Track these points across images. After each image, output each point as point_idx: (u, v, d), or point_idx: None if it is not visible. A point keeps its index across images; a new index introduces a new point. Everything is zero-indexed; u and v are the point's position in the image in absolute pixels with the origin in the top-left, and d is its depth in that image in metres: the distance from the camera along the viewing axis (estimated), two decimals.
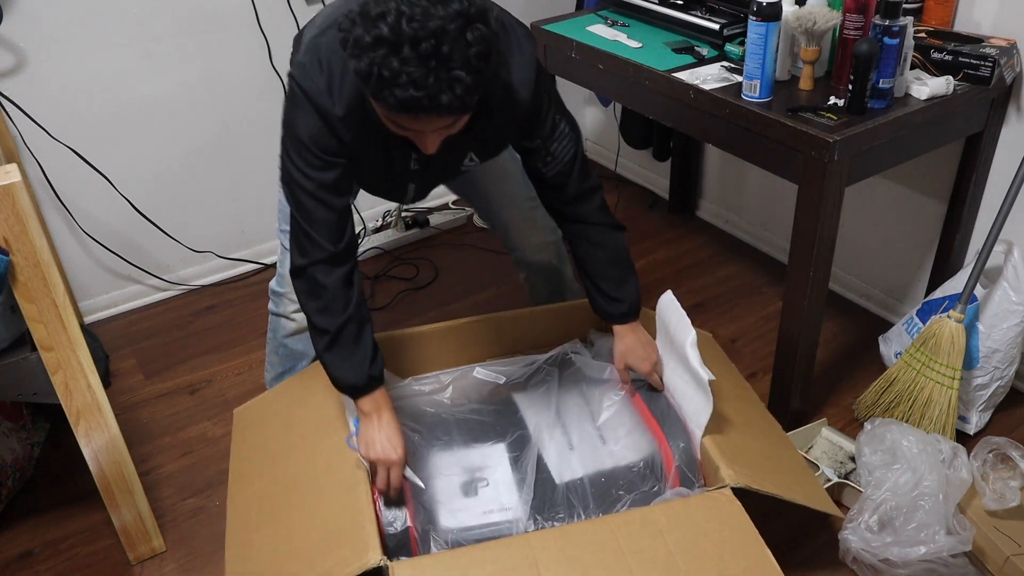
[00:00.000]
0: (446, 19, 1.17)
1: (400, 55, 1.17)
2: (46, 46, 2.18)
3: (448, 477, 1.62)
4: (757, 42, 1.70)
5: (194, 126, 2.47)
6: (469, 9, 1.19)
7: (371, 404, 1.50)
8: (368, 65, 1.19)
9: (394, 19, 1.17)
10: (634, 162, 3.14)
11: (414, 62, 1.17)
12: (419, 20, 1.16)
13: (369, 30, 1.18)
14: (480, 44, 1.20)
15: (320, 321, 1.48)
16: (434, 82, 1.18)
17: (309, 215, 1.44)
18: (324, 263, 1.46)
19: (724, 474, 1.51)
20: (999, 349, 1.90)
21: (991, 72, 1.73)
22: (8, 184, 1.32)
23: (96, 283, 2.52)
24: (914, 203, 2.20)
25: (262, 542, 1.54)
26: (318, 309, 1.48)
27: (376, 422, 1.50)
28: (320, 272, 1.46)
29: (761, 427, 1.76)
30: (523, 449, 1.67)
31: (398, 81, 1.17)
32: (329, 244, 1.45)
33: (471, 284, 2.64)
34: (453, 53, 1.17)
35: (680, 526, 1.43)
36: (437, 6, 1.18)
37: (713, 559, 1.39)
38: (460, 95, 1.20)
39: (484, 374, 1.83)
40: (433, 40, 1.16)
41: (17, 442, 1.94)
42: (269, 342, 1.91)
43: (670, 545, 1.40)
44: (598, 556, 1.38)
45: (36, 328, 1.45)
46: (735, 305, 2.51)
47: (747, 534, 1.43)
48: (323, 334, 1.48)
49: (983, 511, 1.71)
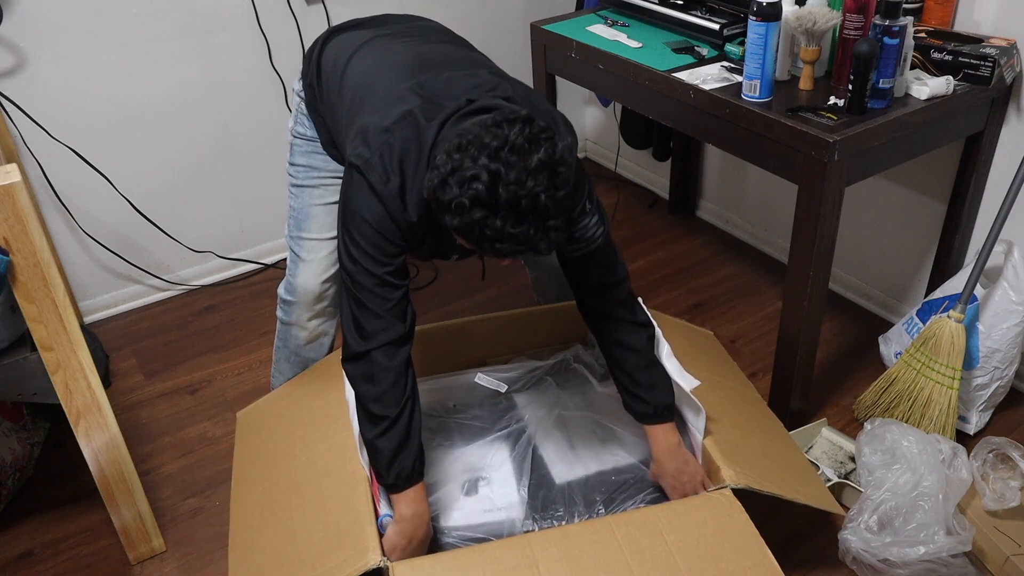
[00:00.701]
0: (536, 172, 1.20)
1: (499, 215, 1.20)
2: (46, 46, 2.18)
3: (449, 476, 1.62)
4: (757, 42, 1.70)
5: (194, 126, 2.47)
6: (553, 154, 1.22)
7: (410, 511, 1.45)
8: (468, 224, 1.22)
9: (488, 181, 1.19)
10: (634, 162, 3.14)
11: (514, 222, 1.21)
12: (514, 182, 1.19)
13: (465, 192, 1.20)
14: (566, 185, 1.24)
15: (376, 408, 1.44)
16: (534, 234, 1.22)
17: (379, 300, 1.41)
18: (390, 344, 1.43)
19: (725, 474, 1.51)
20: (999, 349, 1.90)
21: (991, 72, 1.73)
22: (8, 184, 1.32)
23: (96, 283, 2.52)
24: (914, 203, 2.20)
25: (265, 544, 1.54)
26: (376, 396, 1.43)
27: (409, 533, 1.44)
28: (383, 355, 1.42)
29: (763, 425, 1.77)
30: (524, 449, 1.67)
31: (501, 238, 1.22)
32: (399, 323, 1.43)
33: (471, 284, 2.64)
34: (548, 204, 1.21)
35: (680, 526, 1.43)
36: (526, 159, 1.20)
37: (713, 559, 1.39)
38: (555, 238, 1.25)
39: (486, 380, 1.83)
40: (530, 199, 1.20)
41: (17, 442, 1.94)
42: (278, 350, 1.89)
43: (670, 545, 1.40)
44: (598, 556, 1.38)
45: (36, 328, 1.45)
46: (735, 305, 2.51)
47: (747, 534, 1.44)
48: (379, 421, 1.44)
49: (983, 511, 1.71)
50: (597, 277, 1.56)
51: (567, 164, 1.24)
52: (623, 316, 1.58)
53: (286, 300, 1.80)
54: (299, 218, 1.74)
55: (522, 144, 1.21)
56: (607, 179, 3.18)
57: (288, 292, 1.79)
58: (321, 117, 1.66)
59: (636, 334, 1.59)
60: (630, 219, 2.94)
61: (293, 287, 1.77)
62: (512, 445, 1.69)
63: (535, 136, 1.22)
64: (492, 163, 1.20)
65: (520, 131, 1.22)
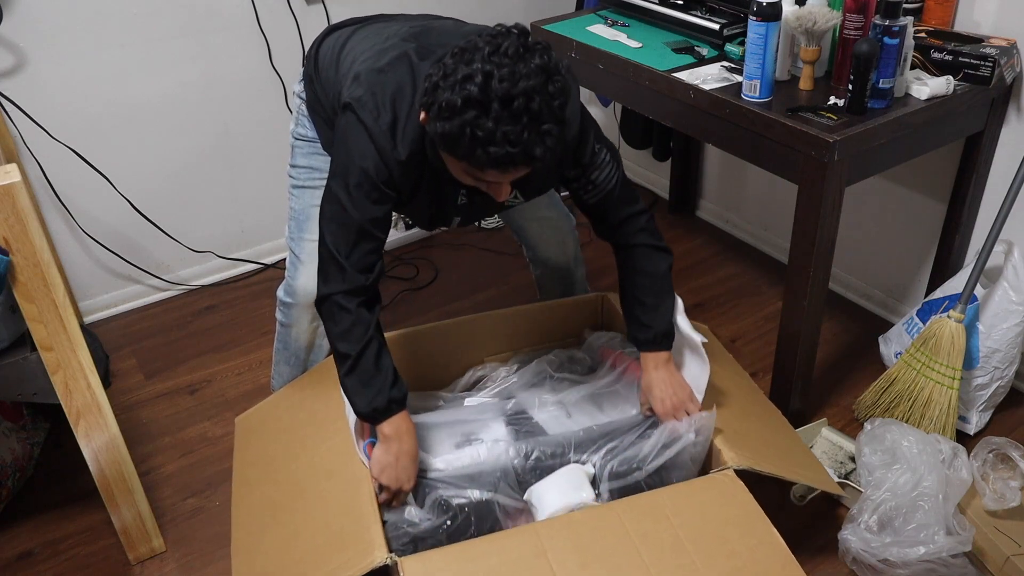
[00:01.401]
0: (532, 75, 1.20)
1: (492, 115, 1.20)
2: (46, 46, 2.18)
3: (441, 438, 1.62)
4: (757, 42, 1.70)
5: (194, 126, 2.47)
6: (548, 62, 1.23)
7: (392, 429, 1.48)
8: (460, 127, 1.21)
9: (483, 79, 1.20)
10: (634, 162, 3.14)
11: (507, 121, 1.20)
12: (508, 80, 1.19)
13: (458, 92, 1.20)
14: (562, 96, 1.24)
15: (342, 346, 1.47)
16: (528, 137, 1.21)
17: (349, 247, 1.43)
18: (348, 293, 1.45)
19: (727, 456, 1.52)
20: (999, 349, 1.90)
21: (991, 72, 1.73)
22: (8, 184, 1.32)
23: (96, 283, 2.52)
24: (914, 203, 2.20)
25: (268, 546, 1.54)
26: (340, 334, 1.47)
27: (395, 450, 1.47)
28: (344, 299, 1.45)
29: (763, 414, 1.77)
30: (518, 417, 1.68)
31: (493, 139, 1.21)
32: (361, 277, 1.45)
33: (471, 284, 2.64)
34: (542, 108, 1.21)
35: (685, 509, 1.44)
36: (520, 63, 1.20)
37: (720, 540, 1.40)
38: (551, 146, 1.24)
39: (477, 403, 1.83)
40: (524, 98, 1.20)
41: (17, 442, 1.94)
42: (278, 352, 1.89)
43: (676, 528, 1.40)
44: (605, 542, 1.38)
45: (36, 328, 1.45)
46: (735, 305, 2.51)
47: (752, 514, 1.44)
48: (344, 358, 1.47)
49: (983, 511, 1.71)
50: (617, 214, 1.59)
51: (562, 75, 1.24)
52: (645, 241, 1.61)
53: (285, 303, 1.80)
54: (300, 220, 1.74)
55: (517, 50, 1.22)
56: None
57: (288, 294, 1.79)
58: (320, 116, 1.66)
59: (656, 259, 1.62)
60: None
61: (293, 289, 1.77)
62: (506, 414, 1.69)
63: (530, 46, 1.23)
64: (486, 64, 1.20)
65: (515, 40, 1.23)
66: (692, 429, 1.54)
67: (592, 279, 2.56)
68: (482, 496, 1.51)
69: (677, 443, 1.54)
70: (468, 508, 1.50)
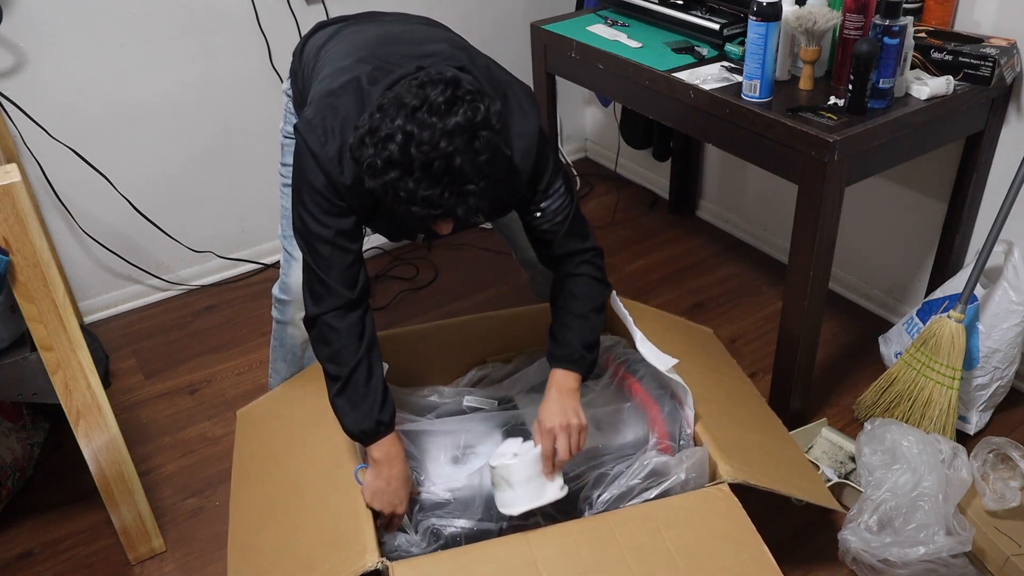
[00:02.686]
0: (455, 133, 1.19)
1: (413, 176, 1.20)
2: (46, 46, 2.18)
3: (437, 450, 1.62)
4: (757, 42, 1.70)
5: (194, 126, 2.47)
6: (474, 117, 1.21)
7: (381, 452, 1.47)
8: (383, 186, 1.22)
9: (402, 141, 1.19)
10: (634, 162, 3.14)
11: (428, 184, 1.20)
12: (427, 143, 1.19)
13: (380, 153, 1.21)
14: (488, 150, 1.23)
15: (331, 368, 1.46)
16: (448, 197, 1.22)
17: (326, 263, 1.43)
18: (338, 310, 1.45)
19: (722, 470, 1.51)
20: (999, 349, 1.90)
21: (991, 72, 1.73)
22: (8, 184, 1.32)
23: (96, 283, 2.52)
24: (914, 203, 2.20)
25: (264, 544, 1.54)
26: (329, 356, 1.46)
27: (385, 474, 1.46)
28: (333, 318, 1.45)
29: (761, 422, 1.77)
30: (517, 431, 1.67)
31: (414, 201, 1.22)
32: (346, 290, 1.44)
33: (471, 284, 2.64)
34: (464, 167, 1.20)
35: (678, 523, 1.43)
36: (443, 119, 1.19)
37: (711, 555, 1.39)
38: (474, 205, 1.24)
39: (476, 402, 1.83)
40: (444, 160, 1.19)
41: (17, 442, 1.94)
42: (275, 350, 1.90)
43: (668, 542, 1.40)
44: (597, 554, 1.38)
45: (36, 328, 1.45)
46: (735, 305, 2.51)
47: (745, 531, 1.44)
48: (334, 380, 1.47)
49: (983, 511, 1.71)
50: (563, 246, 1.56)
51: (490, 128, 1.23)
52: (588, 272, 1.56)
53: (281, 299, 1.81)
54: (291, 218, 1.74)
55: (440, 105, 1.20)
56: (607, 179, 3.18)
57: (283, 291, 1.79)
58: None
59: (594, 288, 1.56)
60: (630, 219, 2.94)
61: (287, 286, 1.77)
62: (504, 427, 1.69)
63: (456, 98, 1.21)
64: (407, 124, 1.19)
65: (442, 92, 1.21)
66: (683, 468, 1.52)
67: None
68: (475, 527, 1.52)
69: (666, 481, 1.51)
70: (460, 538, 1.51)
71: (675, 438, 1.60)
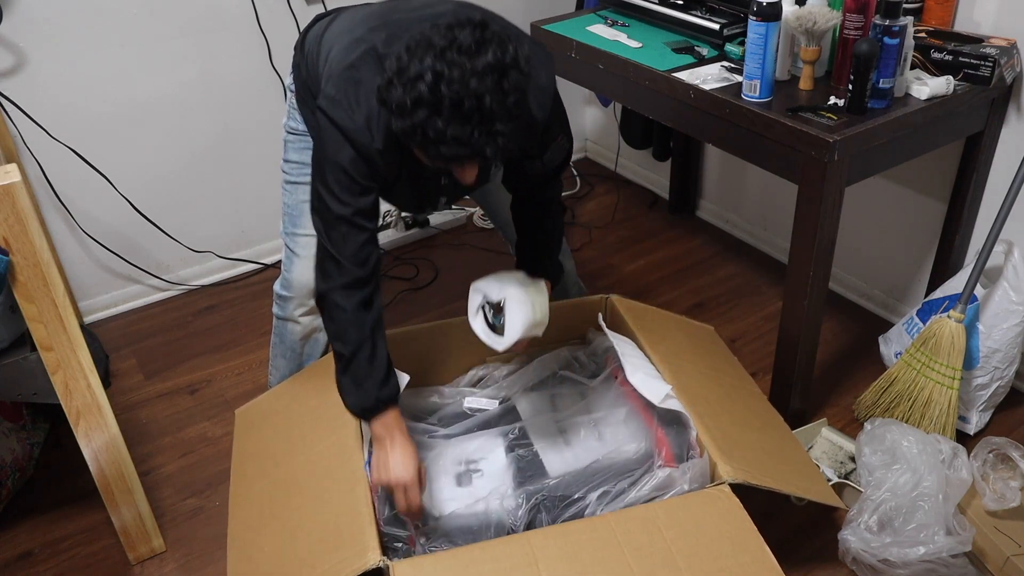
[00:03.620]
0: (483, 74, 1.19)
1: (442, 116, 1.19)
2: (46, 46, 2.18)
3: (443, 468, 1.62)
4: (757, 42, 1.70)
5: (194, 126, 2.47)
6: (503, 58, 1.21)
7: (382, 427, 1.48)
8: (411, 126, 1.21)
9: (432, 79, 1.19)
10: (634, 162, 3.14)
11: (458, 122, 1.20)
12: (458, 81, 1.18)
13: (409, 92, 1.20)
14: (516, 92, 1.23)
15: (337, 345, 1.48)
16: (478, 137, 1.21)
17: (342, 240, 1.43)
18: (346, 287, 1.45)
19: (722, 470, 1.51)
20: (999, 349, 1.90)
21: (991, 72, 1.73)
22: (8, 184, 1.32)
23: (96, 283, 2.52)
24: (914, 203, 2.20)
25: (264, 542, 1.54)
26: (335, 333, 1.48)
27: (388, 445, 1.48)
28: (340, 295, 1.45)
29: (763, 420, 1.77)
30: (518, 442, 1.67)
31: (443, 140, 1.21)
32: (356, 268, 1.45)
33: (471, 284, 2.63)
34: (494, 108, 1.20)
35: (679, 523, 1.43)
36: (472, 60, 1.19)
37: (712, 555, 1.39)
38: (503, 145, 1.24)
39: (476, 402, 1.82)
40: (474, 99, 1.19)
41: (17, 442, 1.94)
42: (275, 347, 1.90)
43: (669, 542, 1.40)
44: (597, 554, 1.38)
45: (36, 328, 1.45)
46: (735, 305, 2.51)
47: (745, 530, 1.44)
48: (339, 357, 1.48)
49: (983, 511, 1.71)
50: (547, 194, 1.65)
51: (519, 70, 1.23)
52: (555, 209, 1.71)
53: (281, 296, 1.81)
54: (293, 215, 1.74)
55: (470, 45, 1.20)
56: (607, 179, 3.18)
57: (284, 288, 1.80)
58: (308, 108, 1.66)
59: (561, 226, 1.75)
60: (630, 219, 2.94)
61: (288, 282, 1.78)
62: (507, 439, 1.69)
63: (485, 39, 1.21)
64: (437, 63, 1.19)
65: (471, 33, 1.21)
66: (686, 479, 1.53)
67: (592, 279, 2.57)
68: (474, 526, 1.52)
69: (668, 493, 1.53)
70: None
71: (681, 459, 1.59)
